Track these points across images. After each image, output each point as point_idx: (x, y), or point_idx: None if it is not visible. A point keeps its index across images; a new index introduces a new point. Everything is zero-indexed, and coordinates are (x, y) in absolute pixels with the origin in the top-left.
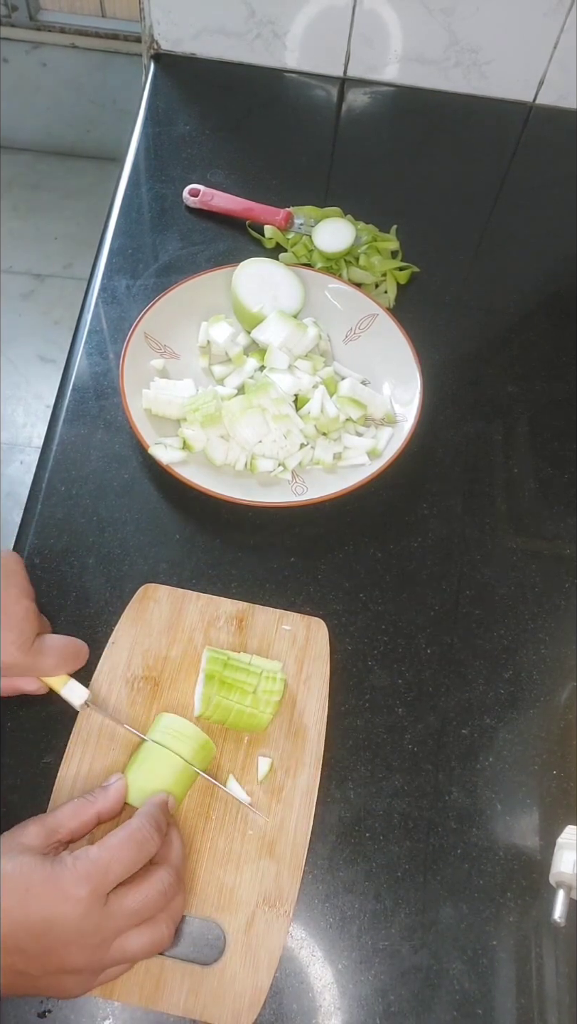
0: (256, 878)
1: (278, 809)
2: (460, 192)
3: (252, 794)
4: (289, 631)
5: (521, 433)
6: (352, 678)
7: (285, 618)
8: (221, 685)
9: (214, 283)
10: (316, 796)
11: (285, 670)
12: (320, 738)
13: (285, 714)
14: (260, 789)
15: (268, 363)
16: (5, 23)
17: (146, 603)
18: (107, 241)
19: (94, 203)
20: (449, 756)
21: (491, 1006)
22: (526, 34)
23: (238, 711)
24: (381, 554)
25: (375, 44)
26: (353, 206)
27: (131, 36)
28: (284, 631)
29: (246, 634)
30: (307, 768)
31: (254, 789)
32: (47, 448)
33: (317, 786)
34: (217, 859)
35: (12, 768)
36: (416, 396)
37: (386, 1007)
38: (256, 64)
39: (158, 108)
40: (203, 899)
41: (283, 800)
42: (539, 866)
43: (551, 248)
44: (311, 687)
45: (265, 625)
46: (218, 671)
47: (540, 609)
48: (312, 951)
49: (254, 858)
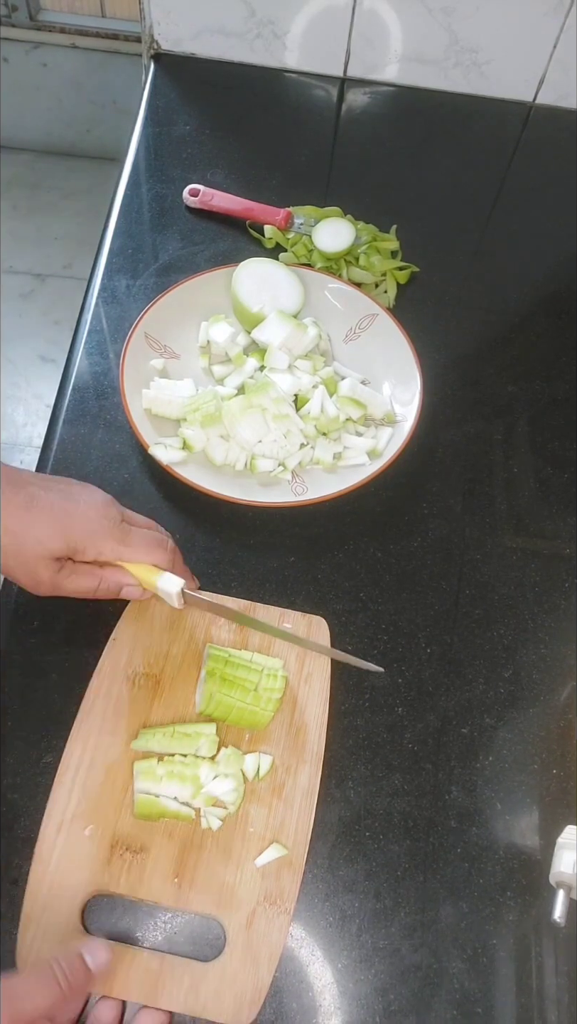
0: (256, 876)
1: (278, 807)
2: (460, 192)
3: (254, 791)
4: (290, 629)
5: (521, 433)
6: (352, 678)
7: (286, 616)
8: (222, 682)
9: (214, 283)
10: (317, 794)
11: (286, 668)
12: (321, 736)
13: (286, 712)
14: (260, 786)
15: (268, 363)
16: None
17: (147, 601)
18: (107, 241)
19: (94, 203)
20: (449, 755)
21: (491, 1005)
22: (526, 34)
23: (239, 708)
24: (381, 554)
25: (375, 44)
26: (353, 206)
27: (131, 36)
28: (285, 629)
29: (247, 632)
30: (308, 766)
31: (255, 786)
32: (47, 448)
33: (318, 784)
34: (218, 856)
35: (12, 768)
36: (416, 396)
37: (386, 1006)
38: (256, 64)
39: (158, 108)
40: (203, 896)
41: (284, 798)
42: (539, 866)
43: (551, 248)
44: (312, 685)
45: (267, 619)
46: (219, 668)
47: (540, 609)
48: (312, 950)
49: (254, 856)
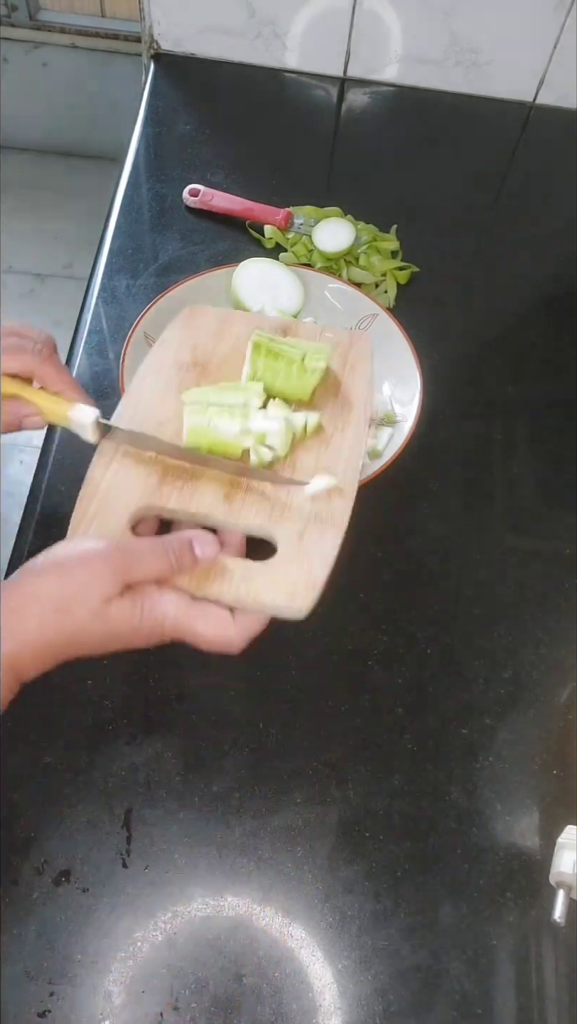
0: (307, 500)
1: (326, 453)
2: (460, 192)
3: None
4: (332, 337)
5: (521, 433)
6: (352, 678)
7: (328, 330)
8: (268, 354)
9: (214, 283)
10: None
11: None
12: (367, 410)
13: (331, 391)
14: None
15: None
16: (5, 23)
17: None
18: (107, 241)
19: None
20: (449, 756)
21: (491, 1006)
22: (526, 34)
23: (285, 373)
24: (381, 554)
25: (375, 44)
26: (353, 206)
27: (131, 36)
28: (327, 337)
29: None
30: (353, 428)
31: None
32: (47, 448)
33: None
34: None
35: (13, 768)
36: (416, 396)
37: (386, 1007)
38: (256, 64)
39: (158, 108)
40: (255, 511)
41: (331, 448)
42: (539, 866)
43: (551, 248)
44: (356, 371)
45: (309, 334)
46: (265, 342)
47: (540, 609)
48: (312, 951)
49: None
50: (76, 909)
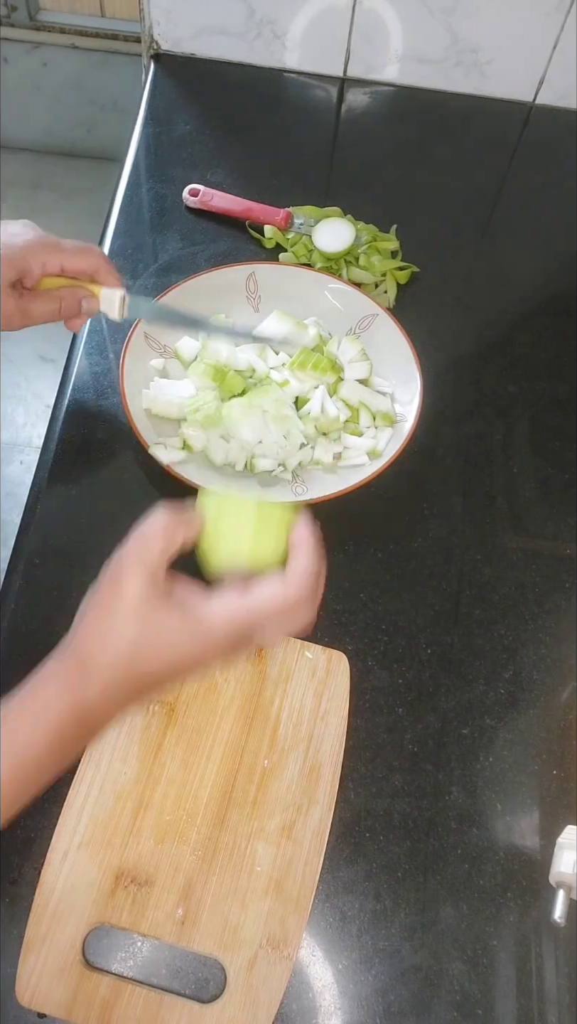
0: (261, 917)
1: (288, 846)
2: (460, 192)
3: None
4: (311, 659)
5: (521, 433)
6: (352, 678)
7: (308, 646)
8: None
9: (214, 283)
10: (328, 836)
11: (303, 703)
12: (335, 776)
13: (300, 749)
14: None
15: (268, 363)
16: (5, 23)
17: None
18: (107, 241)
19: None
20: (449, 756)
21: (491, 1006)
22: (526, 34)
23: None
24: (381, 554)
25: (375, 44)
26: (353, 206)
27: (131, 36)
28: (306, 658)
29: (267, 662)
30: (320, 807)
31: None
32: (47, 448)
33: (329, 826)
34: (223, 894)
35: None
36: (416, 396)
37: (386, 1007)
38: (256, 64)
39: (158, 108)
40: (206, 935)
41: (293, 838)
42: (539, 866)
43: (551, 248)
44: (328, 723)
45: (286, 651)
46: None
47: (540, 609)
48: (312, 951)
49: (260, 896)
50: None
